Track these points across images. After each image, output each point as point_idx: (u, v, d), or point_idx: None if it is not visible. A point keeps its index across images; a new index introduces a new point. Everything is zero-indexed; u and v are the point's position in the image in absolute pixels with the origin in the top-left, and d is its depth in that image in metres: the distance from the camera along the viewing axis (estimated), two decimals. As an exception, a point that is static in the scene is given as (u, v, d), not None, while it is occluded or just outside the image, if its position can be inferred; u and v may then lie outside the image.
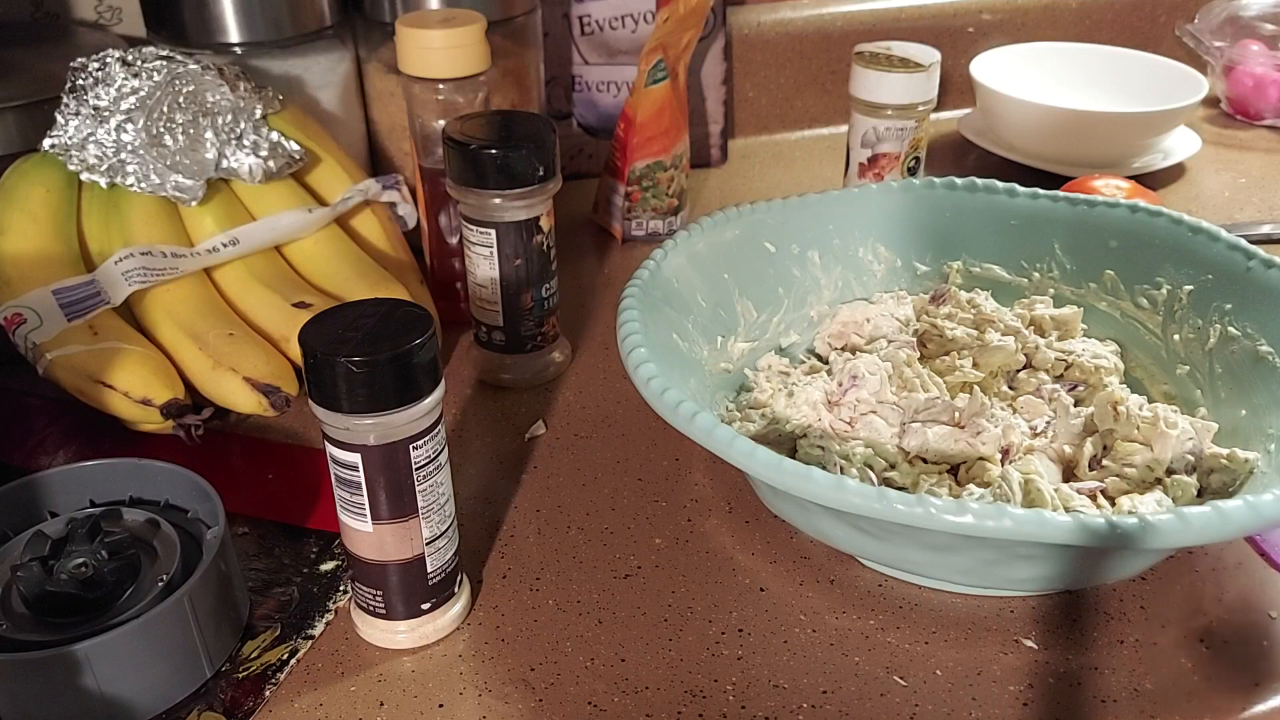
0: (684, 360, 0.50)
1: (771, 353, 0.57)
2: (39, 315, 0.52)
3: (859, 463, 0.47)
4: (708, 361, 0.53)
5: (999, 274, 0.59)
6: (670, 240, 0.54)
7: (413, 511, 0.40)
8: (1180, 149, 0.84)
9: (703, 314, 0.53)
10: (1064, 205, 0.58)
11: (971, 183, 0.59)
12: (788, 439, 0.50)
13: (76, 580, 0.40)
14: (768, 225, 0.57)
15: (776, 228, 0.57)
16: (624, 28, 0.79)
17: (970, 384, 0.53)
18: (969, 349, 0.55)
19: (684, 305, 0.52)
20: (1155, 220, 0.55)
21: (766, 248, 0.57)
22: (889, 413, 0.50)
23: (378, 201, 0.63)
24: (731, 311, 0.55)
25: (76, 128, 0.55)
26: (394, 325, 0.38)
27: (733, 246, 0.56)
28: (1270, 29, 0.94)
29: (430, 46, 0.57)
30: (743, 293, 0.56)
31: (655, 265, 0.52)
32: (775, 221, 0.57)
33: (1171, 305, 0.54)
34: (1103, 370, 0.53)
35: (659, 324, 0.49)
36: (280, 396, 0.53)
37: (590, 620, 0.44)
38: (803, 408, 0.51)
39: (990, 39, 0.94)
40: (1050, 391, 0.52)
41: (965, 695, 0.41)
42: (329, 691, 0.41)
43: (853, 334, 0.57)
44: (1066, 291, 0.58)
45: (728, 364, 0.54)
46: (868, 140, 0.67)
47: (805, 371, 0.55)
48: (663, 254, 0.52)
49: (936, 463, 0.48)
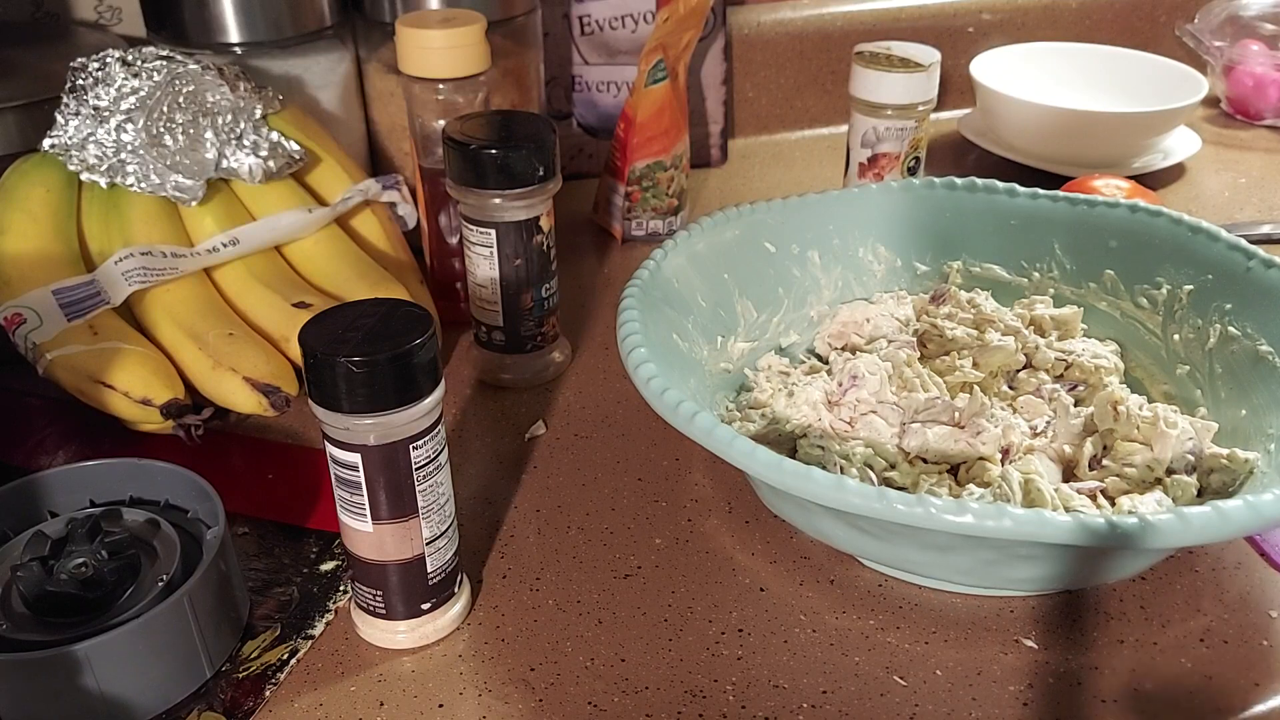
0: (684, 360, 0.50)
1: (771, 353, 0.57)
2: (39, 315, 0.52)
3: (859, 463, 0.47)
4: (708, 361, 0.53)
5: (999, 274, 0.59)
6: (670, 240, 0.54)
7: (413, 511, 0.40)
8: (1180, 149, 0.84)
9: (703, 314, 0.53)
10: (1064, 205, 0.58)
11: (971, 183, 0.59)
12: (788, 439, 0.50)
13: (76, 580, 0.40)
14: (768, 225, 0.57)
15: (776, 228, 0.57)
16: (624, 28, 0.79)
17: (970, 384, 0.53)
18: (969, 349, 0.55)
19: (684, 305, 0.52)
20: (1155, 220, 0.55)
21: (766, 248, 0.57)
22: (889, 413, 0.50)
23: (378, 201, 0.63)
24: (731, 311, 0.55)
25: (76, 128, 0.55)
26: (394, 325, 0.38)
27: (733, 246, 0.56)
28: (1270, 29, 0.94)
29: (430, 46, 0.57)
30: (743, 293, 0.56)
31: (655, 265, 0.52)
32: (775, 221, 0.57)
33: (1171, 305, 0.54)
34: (1103, 370, 0.53)
35: (659, 324, 0.49)
36: (280, 396, 0.53)
37: (590, 620, 0.44)
38: (803, 408, 0.51)
39: (990, 39, 0.94)
40: (1050, 391, 0.52)
41: (965, 695, 0.41)
42: (329, 691, 0.41)
43: (853, 334, 0.57)
44: (1066, 291, 0.58)
45: (727, 364, 0.54)
46: (868, 140, 0.67)
47: (806, 372, 0.55)
48: (663, 254, 0.53)
49: (936, 463, 0.48)
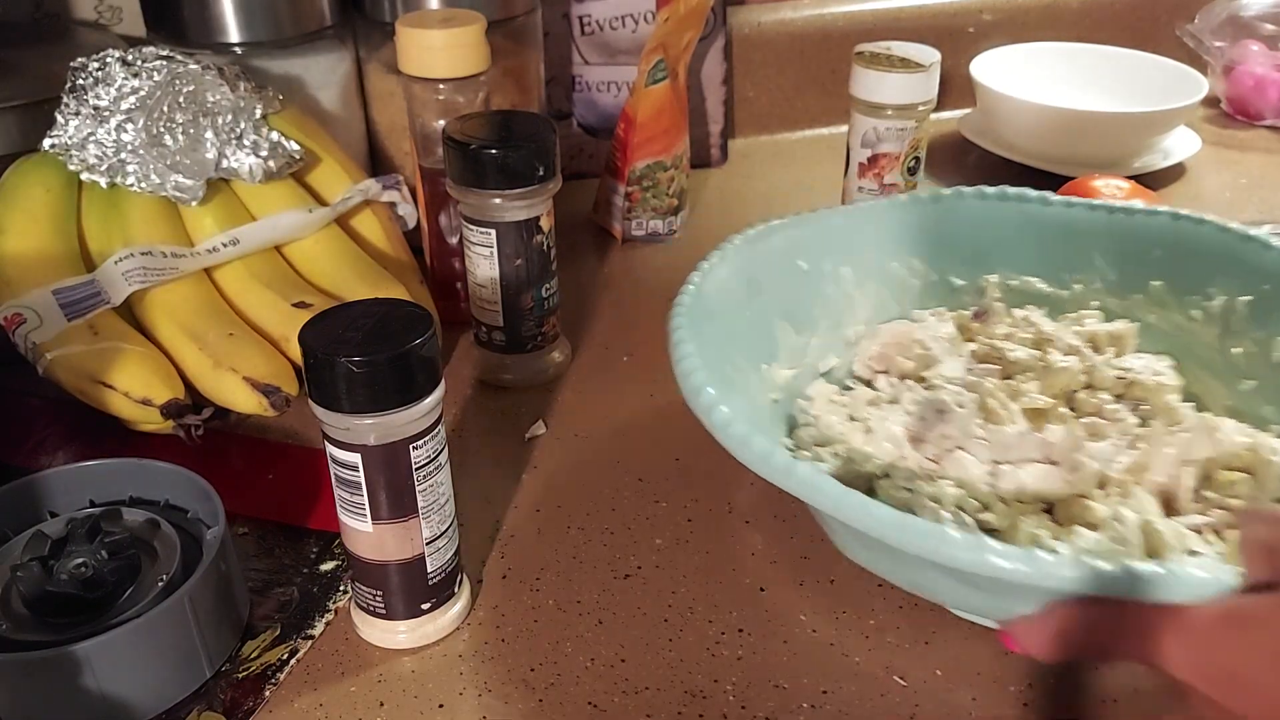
0: (742, 394, 0.47)
1: (819, 380, 0.53)
2: (39, 315, 0.52)
3: (950, 505, 0.43)
4: (757, 393, 0.49)
5: (1039, 287, 0.56)
6: (705, 262, 0.50)
7: (413, 511, 0.40)
8: (1180, 149, 0.84)
9: (744, 340, 0.49)
10: (1101, 214, 0.55)
11: (1002, 192, 0.56)
12: (864, 478, 0.46)
13: (76, 580, 0.40)
14: (800, 241, 0.54)
15: (808, 243, 0.54)
16: (624, 28, 0.79)
17: (1040, 409, 0.48)
18: (1032, 371, 0.51)
19: (728, 331, 0.48)
20: (1200, 228, 0.52)
21: (799, 265, 0.54)
22: (977, 448, 0.46)
23: (378, 201, 0.63)
24: (770, 335, 0.52)
25: (76, 128, 0.55)
26: (394, 325, 0.38)
27: (766, 265, 0.52)
28: (1270, 29, 0.94)
29: (430, 46, 0.57)
30: (780, 314, 0.52)
31: (696, 290, 0.48)
32: (806, 236, 0.54)
33: (1227, 317, 0.51)
34: (1164, 388, 0.50)
35: (712, 354, 0.45)
36: (280, 396, 0.53)
37: (590, 620, 0.44)
38: (883, 444, 0.47)
39: (990, 39, 0.94)
40: (1112, 412, 0.48)
41: (965, 695, 0.41)
42: (329, 691, 0.41)
43: (897, 356, 0.53)
44: (1112, 304, 0.55)
45: (775, 393, 0.50)
46: (868, 140, 0.67)
47: (868, 403, 0.51)
48: (700, 277, 0.49)
49: (1031, 501, 0.44)
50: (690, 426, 0.42)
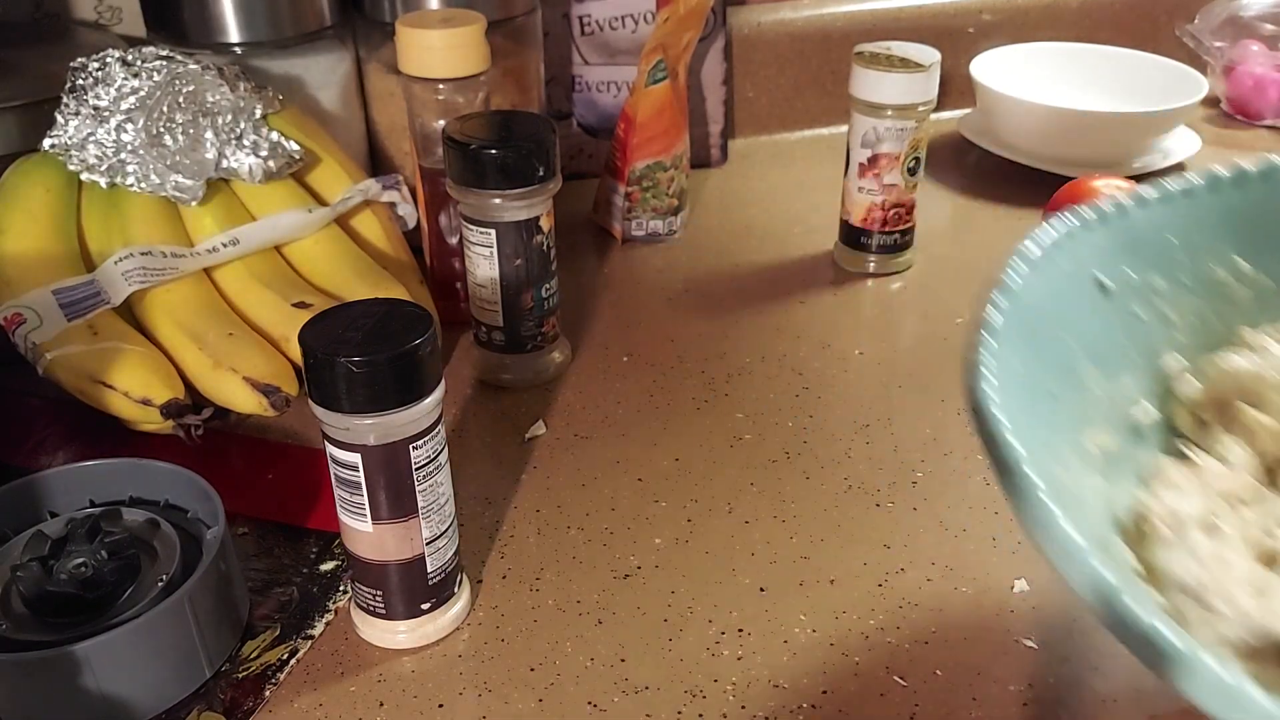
0: (1068, 491, 0.31)
1: (1160, 454, 0.37)
2: (39, 315, 0.52)
3: None
4: (1083, 481, 0.33)
5: None
6: (997, 296, 0.33)
7: (413, 511, 0.40)
8: (1180, 149, 0.84)
9: (1050, 401, 0.34)
10: None
11: None
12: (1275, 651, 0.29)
13: (76, 580, 0.40)
14: (1098, 250, 0.38)
15: (1105, 251, 0.38)
16: (624, 28, 0.79)
17: None
18: None
19: (1034, 391, 0.33)
20: None
21: (1102, 282, 0.38)
22: None
23: (378, 201, 0.63)
24: (1079, 387, 0.35)
25: (76, 128, 0.55)
26: (394, 325, 0.38)
27: (1063, 288, 0.36)
28: (1270, 29, 0.94)
29: (430, 46, 0.57)
30: (1085, 354, 0.36)
31: (991, 342, 0.31)
32: (1104, 243, 0.38)
33: None
34: None
35: (1030, 436, 0.29)
36: (280, 396, 0.53)
37: (590, 620, 0.44)
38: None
39: (990, 39, 0.94)
40: None
41: (965, 695, 0.41)
42: (329, 692, 0.41)
43: (1236, 400, 0.37)
44: None
45: (1100, 477, 0.34)
46: (868, 140, 0.67)
47: (1223, 495, 0.34)
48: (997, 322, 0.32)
49: None
50: (691, 426, 0.42)
